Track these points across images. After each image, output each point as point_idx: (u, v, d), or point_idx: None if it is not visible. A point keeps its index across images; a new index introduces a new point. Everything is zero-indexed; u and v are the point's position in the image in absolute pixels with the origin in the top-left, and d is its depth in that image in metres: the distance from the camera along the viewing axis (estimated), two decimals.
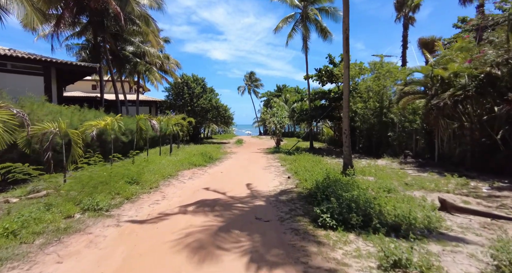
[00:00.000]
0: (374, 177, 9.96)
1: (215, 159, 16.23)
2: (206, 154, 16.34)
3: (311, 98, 23.56)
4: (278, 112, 24.96)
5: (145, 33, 19.42)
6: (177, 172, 11.37)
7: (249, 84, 50.54)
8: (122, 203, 6.62)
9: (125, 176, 8.34)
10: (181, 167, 12.42)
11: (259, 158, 17.53)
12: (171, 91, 29.84)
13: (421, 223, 4.87)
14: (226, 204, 6.74)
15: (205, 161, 14.75)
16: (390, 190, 7.95)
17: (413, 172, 12.02)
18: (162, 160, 14.35)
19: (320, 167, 10.61)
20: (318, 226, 5.05)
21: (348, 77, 9.42)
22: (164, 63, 27.84)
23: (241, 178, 10.30)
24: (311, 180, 8.62)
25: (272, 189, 8.44)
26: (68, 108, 11.55)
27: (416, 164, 14.04)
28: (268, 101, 39.01)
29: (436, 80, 11.98)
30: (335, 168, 10.92)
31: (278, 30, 22.63)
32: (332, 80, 22.34)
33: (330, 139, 29.52)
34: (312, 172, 9.72)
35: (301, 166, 11.31)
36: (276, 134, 25.76)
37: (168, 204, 6.73)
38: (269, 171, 11.97)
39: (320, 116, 21.61)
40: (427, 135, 14.56)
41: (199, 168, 12.76)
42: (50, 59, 13.47)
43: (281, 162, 15.10)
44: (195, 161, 13.66)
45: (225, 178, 10.38)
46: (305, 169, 10.66)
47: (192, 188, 8.67)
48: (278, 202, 6.89)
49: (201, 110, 28.90)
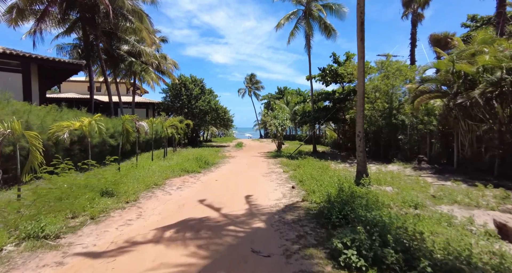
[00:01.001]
0: (392, 187, 8.44)
1: (212, 164, 14.72)
2: (202, 158, 14.84)
3: (314, 99, 22.08)
4: (279, 114, 23.49)
5: (139, 29, 18.03)
6: (165, 180, 9.86)
7: (249, 86, 48.99)
8: (83, 225, 5.11)
9: (97, 187, 6.85)
10: (171, 174, 10.92)
11: (259, 163, 16.02)
12: (169, 92, 28.43)
13: (490, 266, 3.34)
14: (216, 226, 5.22)
15: (200, 166, 13.24)
16: (417, 205, 6.43)
17: (433, 180, 10.48)
18: (152, 165, 12.88)
19: (329, 175, 9.08)
20: (340, 267, 3.52)
21: (363, 70, 7.93)
22: (161, 63, 26.44)
23: (238, 188, 8.78)
24: (321, 192, 7.10)
25: (274, 202, 6.92)
26: (43, 108, 10.09)
27: (433, 170, 12.49)
28: (269, 103, 37.57)
29: (458, 76, 10.49)
30: (346, 176, 9.39)
31: (279, 27, 21.23)
32: (337, 80, 20.86)
33: (334, 142, 27.98)
34: (320, 181, 8.20)
35: (306, 174, 9.79)
36: (277, 137, 24.27)
37: (142, 226, 5.21)
38: (270, 179, 10.44)
39: (324, 118, 20.11)
40: (444, 138, 13.03)
41: (192, 175, 11.24)
42: (29, 55, 12.05)
43: (283, 168, 13.58)
44: (188, 167, 12.15)
45: (220, 188, 8.86)
46: (311, 177, 9.13)
47: (178, 201, 7.15)
48: (282, 223, 5.36)
49: (199, 112, 27.45)
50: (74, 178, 6.87)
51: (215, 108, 28.41)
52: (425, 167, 13.18)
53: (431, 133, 13.74)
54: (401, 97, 16.59)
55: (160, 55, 26.92)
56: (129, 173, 10.21)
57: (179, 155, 17.93)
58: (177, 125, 17.99)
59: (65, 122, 7.88)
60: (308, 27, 20.42)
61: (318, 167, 11.33)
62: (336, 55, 20.55)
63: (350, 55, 20.17)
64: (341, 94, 20.06)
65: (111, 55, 22.90)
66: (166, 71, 27.85)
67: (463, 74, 10.08)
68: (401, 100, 16.60)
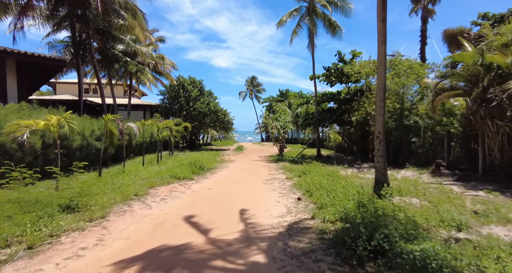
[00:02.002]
0: (418, 199, 6.93)
1: (208, 170, 13.22)
2: (197, 163, 13.35)
3: (318, 101, 20.62)
4: (281, 117, 22.04)
5: (131, 26, 16.72)
6: (149, 189, 8.38)
7: (250, 89, 47.51)
8: (11, 259, 3.64)
9: (54, 201, 5.38)
10: (159, 181, 9.45)
11: (260, 168, 14.52)
12: (166, 94, 27.08)
13: None
14: (197, 260, 3.73)
15: (194, 172, 11.75)
16: (460, 225, 4.92)
17: (459, 189, 8.95)
18: (141, 171, 11.45)
19: (341, 184, 7.57)
20: None
21: (384, 58, 6.46)
22: (158, 64, 25.15)
23: (234, 199, 7.28)
24: (335, 206, 5.60)
25: (276, 221, 5.41)
26: (12, 106, 8.68)
27: (454, 177, 10.95)
28: (271, 106, 36.16)
29: (488, 69, 9.01)
30: (361, 185, 7.89)
31: (281, 25, 19.87)
32: (342, 80, 19.41)
33: (338, 146, 26.46)
34: (331, 191, 6.70)
35: (314, 181, 8.28)
36: (279, 140, 22.80)
37: (96, 259, 3.73)
38: (271, 187, 8.94)
39: (329, 120, 18.63)
40: (466, 141, 11.50)
41: (183, 183, 9.75)
42: (4, 48, 10.70)
43: (286, 174, 12.08)
44: (179, 173, 10.66)
45: (212, 200, 7.36)
46: (320, 186, 7.63)
47: (157, 218, 5.66)
48: (287, 255, 3.85)
49: (198, 114, 26.03)
50: (26, 191, 5.43)
51: (214, 110, 27.00)
52: (444, 173, 11.64)
53: (450, 136, 12.22)
54: (412, 97, 15.11)
55: (158, 56, 25.64)
56: (110, 181, 8.77)
57: (175, 160, 16.49)
58: (171, 127, 16.55)
59: (25, 121, 6.44)
60: (312, 23, 19.04)
61: (327, 174, 9.81)
62: (342, 53, 19.13)
63: (356, 53, 18.75)
64: (347, 95, 18.58)
65: (106, 54, 21.62)
66: (164, 72, 26.55)
67: (495, 67, 8.62)
68: (413, 100, 15.11)
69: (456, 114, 11.53)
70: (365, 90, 17.69)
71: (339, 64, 18.58)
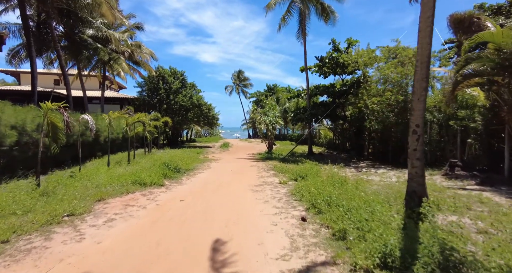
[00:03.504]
0: (460, 216, 4.94)
1: (185, 172, 10.90)
2: (173, 163, 10.99)
3: (310, 94, 18.55)
4: (270, 111, 19.88)
5: (97, 3, 14.00)
6: (96, 202, 6.02)
7: (237, 83, 44.80)
8: None
9: None
10: (117, 189, 7.09)
11: (247, 169, 12.33)
12: (145, 86, 24.33)
13: None
14: None
15: (166, 175, 9.40)
16: None
17: (494, 196, 7.09)
18: (102, 174, 9.05)
19: (358, 195, 5.46)
20: None
21: (432, 14, 4.31)
22: (135, 52, 22.33)
23: (211, 220, 5.03)
24: (365, 239, 3.49)
25: (276, 269, 3.24)
26: None
27: (475, 179, 9.13)
28: (258, 101, 33.94)
29: None
30: (387, 193, 5.84)
31: (270, 9, 17.54)
32: (336, 71, 17.41)
33: (329, 142, 24.61)
34: (351, 209, 4.60)
35: (319, 190, 6.15)
36: (267, 136, 20.65)
37: None
38: (263, 197, 6.74)
39: (323, 114, 16.62)
40: (487, 137, 9.71)
41: (147, 192, 7.39)
42: None
43: (278, 176, 9.96)
44: (145, 178, 8.28)
45: (179, 221, 5.08)
46: (330, 198, 5.47)
47: (80, 265, 3.37)
48: None
49: (179, 108, 23.46)
50: None
51: (198, 104, 24.48)
52: (460, 175, 9.83)
53: (466, 131, 10.43)
54: None
55: (134, 43, 22.80)
56: (45, 192, 6.35)
57: (150, 159, 14.08)
58: (145, 121, 14.05)
59: None
60: (304, 5, 16.86)
61: (330, 178, 7.72)
62: (336, 42, 17.09)
63: (352, 41, 16.77)
64: (342, 86, 16.60)
65: (73, 40, 18.69)
66: (142, 62, 23.73)
67: None
68: None
69: (476, 106, 9.71)
70: (363, 82, 15.77)
71: (334, 53, 16.53)
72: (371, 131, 16.92)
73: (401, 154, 14.57)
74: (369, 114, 14.39)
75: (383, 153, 15.91)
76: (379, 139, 16.18)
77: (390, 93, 14.01)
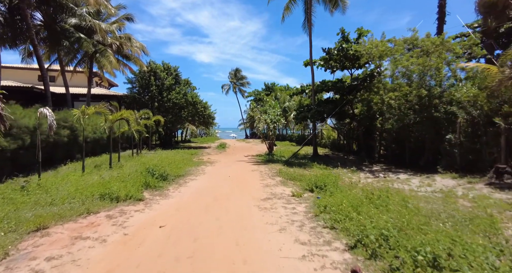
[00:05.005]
0: None
1: (173, 179, 8.84)
2: (159, 169, 8.92)
3: (315, 90, 16.59)
4: (271, 109, 17.89)
5: None
6: (28, 234, 3.96)
7: (234, 82, 42.52)
8: None
9: None
10: (78, 207, 5.04)
11: (249, 174, 10.32)
12: (136, 82, 22.15)
13: None
14: None
15: (148, 185, 7.33)
16: None
17: None
18: (65, 184, 7.01)
19: (426, 223, 3.50)
20: None
21: None
22: (124, 45, 20.11)
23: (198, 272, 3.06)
24: None
25: None
26: None
27: None
28: (257, 100, 31.84)
29: None
30: (457, 219, 3.87)
31: None
32: (345, 65, 15.49)
33: (333, 143, 22.65)
34: (435, 253, 2.64)
35: (361, 213, 4.18)
36: (268, 137, 18.66)
37: None
38: (276, 222, 4.72)
39: (331, 112, 14.68)
40: None
41: (117, 211, 5.32)
42: None
43: (288, 185, 7.98)
44: (119, 190, 6.19)
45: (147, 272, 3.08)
46: (387, 230, 3.51)
47: None
48: None
49: (173, 106, 21.33)
50: None
51: (192, 102, 22.37)
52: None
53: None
54: (444, 81, 11.40)
55: (124, 36, 20.60)
56: None
57: (137, 162, 12.07)
58: (128, 119, 11.95)
59: None
60: None
61: (365, 190, 5.74)
62: (346, 32, 15.16)
63: (364, 31, 14.86)
64: (354, 81, 14.64)
65: (53, 30, 16.51)
66: (132, 57, 21.50)
67: None
68: (444, 85, 11.40)
69: None
70: (376, 75, 13.88)
71: (344, 44, 14.58)
72: (382, 131, 15.04)
73: (421, 156, 12.70)
74: (385, 111, 12.46)
75: (398, 155, 14.02)
76: (393, 139, 14.28)
77: (407, 88, 12.14)
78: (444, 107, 10.77)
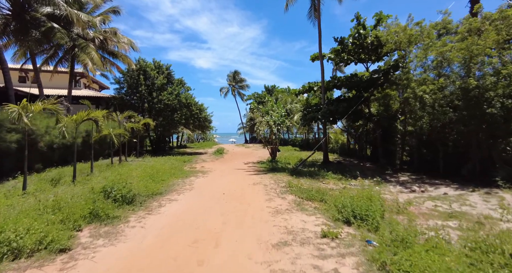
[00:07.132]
0: None
1: (144, 200, 6.15)
2: (121, 188, 6.20)
3: (326, 87, 14.00)
4: (274, 110, 15.28)
5: None
6: None
7: (233, 85, 39.88)
8: None
9: None
10: None
11: (249, 190, 7.63)
12: (125, 82, 19.55)
13: None
14: None
15: (97, 215, 4.65)
16: None
17: None
18: None
19: None
20: None
21: None
22: (109, 40, 17.58)
23: None
24: None
25: None
26: None
27: None
28: (258, 102, 29.25)
29: None
30: None
31: None
32: (361, 57, 12.96)
33: (342, 148, 19.99)
34: None
35: None
36: (270, 141, 16.01)
37: None
38: None
39: (346, 111, 12.06)
40: None
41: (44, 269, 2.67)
42: None
43: (307, 210, 5.29)
44: (35, 229, 3.53)
45: None
46: None
47: None
48: None
49: (164, 108, 18.71)
50: None
51: (186, 103, 19.75)
52: None
53: None
54: (493, 69, 8.81)
55: (109, 30, 18.08)
56: None
57: (114, 173, 9.47)
58: (97, 119, 9.29)
59: None
60: None
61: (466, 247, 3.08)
62: (361, 18, 12.64)
63: (383, 16, 12.34)
64: (374, 73, 12.02)
65: (22, 19, 13.99)
66: (119, 54, 18.93)
67: None
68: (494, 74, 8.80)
69: None
70: (401, 66, 11.31)
71: (361, 30, 12.03)
72: (405, 133, 12.42)
73: (462, 164, 10.05)
74: (418, 108, 9.83)
75: (428, 162, 11.37)
76: (422, 143, 11.65)
77: (441, 80, 9.58)
78: (500, 101, 8.16)
